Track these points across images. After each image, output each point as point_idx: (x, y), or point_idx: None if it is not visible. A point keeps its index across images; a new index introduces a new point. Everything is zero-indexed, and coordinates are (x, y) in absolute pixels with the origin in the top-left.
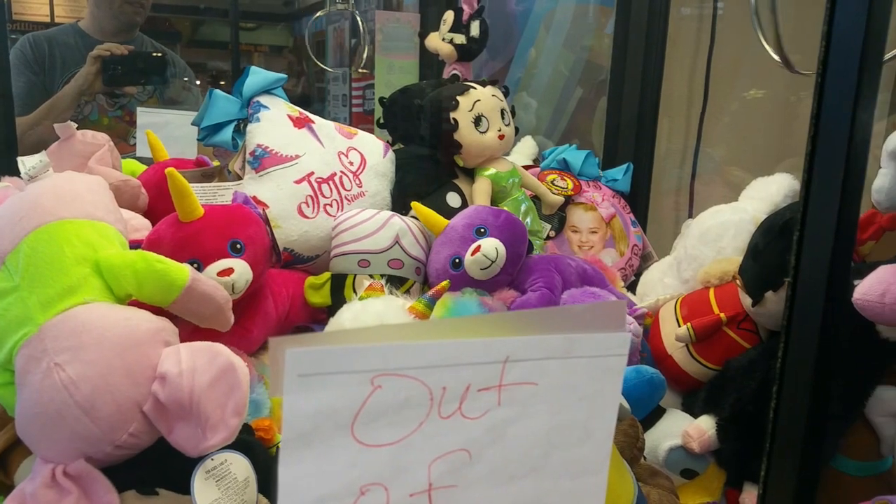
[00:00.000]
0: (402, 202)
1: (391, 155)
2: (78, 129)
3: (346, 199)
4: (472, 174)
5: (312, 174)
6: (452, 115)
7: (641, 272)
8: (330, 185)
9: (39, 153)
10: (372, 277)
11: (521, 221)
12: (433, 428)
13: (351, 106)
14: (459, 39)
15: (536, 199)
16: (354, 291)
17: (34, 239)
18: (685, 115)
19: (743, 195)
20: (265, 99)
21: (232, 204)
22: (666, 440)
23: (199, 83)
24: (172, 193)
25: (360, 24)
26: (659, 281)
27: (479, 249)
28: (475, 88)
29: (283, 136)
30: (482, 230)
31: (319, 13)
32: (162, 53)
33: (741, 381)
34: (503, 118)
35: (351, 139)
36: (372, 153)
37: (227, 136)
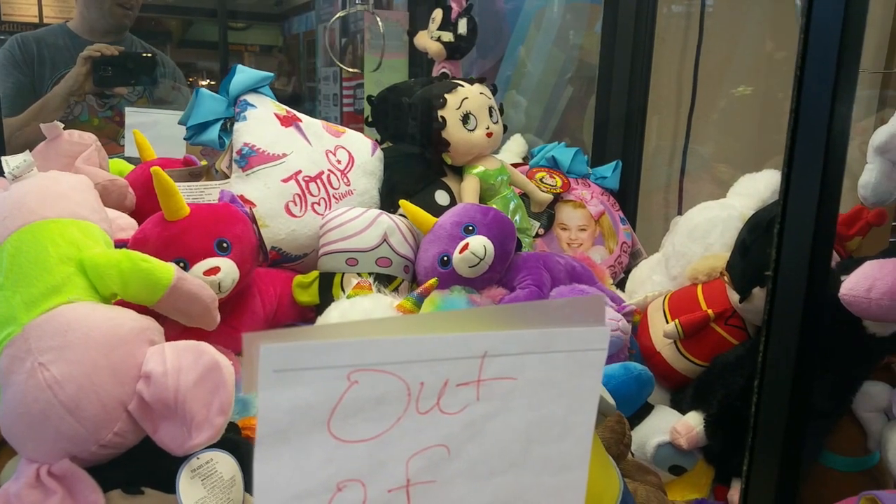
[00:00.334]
0: (390, 200)
1: (379, 153)
2: (67, 129)
3: (333, 197)
4: (460, 172)
5: (300, 173)
6: (440, 112)
7: (630, 269)
8: (318, 183)
9: (24, 153)
10: (360, 276)
11: (509, 219)
12: (411, 423)
13: (342, 105)
14: (448, 37)
15: (525, 196)
16: (342, 290)
17: (18, 238)
18: (674, 112)
19: (731, 192)
20: (252, 97)
21: (218, 203)
22: (654, 436)
23: (190, 80)
24: (158, 192)
25: (379, 24)
26: (648, 278)
27: (467, 247)
28: (463, 86)
29: (270, 134)
30: (470, 228)
31: (340, 13)
32: (151, 54)
33: (729, 377)
34: (491, 116)
35: (339, 137)
36: (360, 151)
37: (213, 134)
